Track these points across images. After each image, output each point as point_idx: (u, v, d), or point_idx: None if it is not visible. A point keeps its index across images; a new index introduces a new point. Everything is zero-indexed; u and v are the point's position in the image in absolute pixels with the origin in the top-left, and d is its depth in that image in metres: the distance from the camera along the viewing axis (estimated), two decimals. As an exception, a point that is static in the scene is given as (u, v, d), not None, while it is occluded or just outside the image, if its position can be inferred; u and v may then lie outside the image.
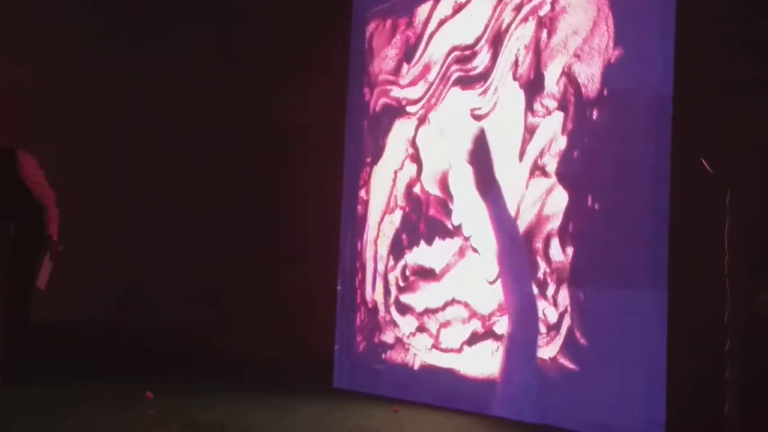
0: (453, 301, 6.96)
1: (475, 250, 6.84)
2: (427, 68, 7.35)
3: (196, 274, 9.54)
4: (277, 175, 9.50)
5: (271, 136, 9.55)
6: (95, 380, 7.51)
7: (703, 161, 5.12)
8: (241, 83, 9.59)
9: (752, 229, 5.08)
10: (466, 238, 6.92)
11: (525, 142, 6.51)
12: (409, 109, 7.49)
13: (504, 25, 6.74)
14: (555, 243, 6.26)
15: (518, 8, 6.63)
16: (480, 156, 6.86)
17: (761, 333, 4.91)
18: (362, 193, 7.85)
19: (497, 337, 6.59)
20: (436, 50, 7.30)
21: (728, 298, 5.02)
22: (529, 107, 6.50)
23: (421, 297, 7.23)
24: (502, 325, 6.57)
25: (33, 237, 7.24)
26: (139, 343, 8.98)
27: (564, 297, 6.18)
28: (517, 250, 6.48)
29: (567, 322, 6.15)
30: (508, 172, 6.61)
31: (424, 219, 7.29)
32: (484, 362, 6.66)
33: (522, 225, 6.48)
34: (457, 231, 6.99)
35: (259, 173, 9.60)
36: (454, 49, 7.13)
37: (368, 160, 7.82)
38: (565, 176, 6.24)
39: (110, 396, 6.60)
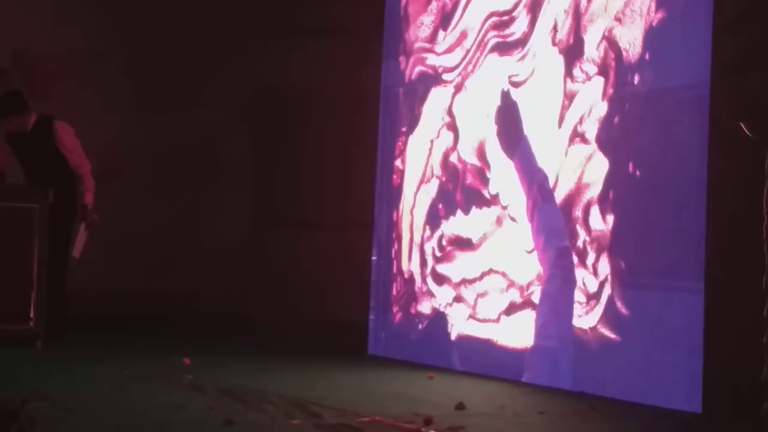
0: (490, 271, 6.87)
1: (513, 219, 6.74)
2: (463, 35, 7.24)
3: (231, 240, 9.55)
4: (314, 140, 9.44)
5: (308, 101, 9.50)
6: (132, 347, 7.56)
7: (742, 125, 5.02)
8: (275, 47, 9.55)
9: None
10: (504, 207, 6.81)
11: (564, 109, 6.40)
12: (445, 76, 7.38)
13: (543, -10, 6.62)
14: (595, 211, 6.15)
15: (557, -28, 6.51)
16: (508, 118, 6.76)
17: None
18: (398, 162, 7.76)
19: (536, 307, 6.50)
20: (473, 16, 7.18)
21: (766, 263, 4.95)
22: (569, 73, 6.38)
23: (458, 267, 7.14)
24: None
25: (69, 205, 7.34)
26: (175, 310, 9.01)
27: (604, 266, 6.07)
28: (549, 202, 6.39)
29: (607, 291, 6.05)
30: (547, 140, 6.50)
31: (460, 188, 7.19)
32: (522, 332, 6.56)
33: (561, 193, 6.37)
34: (494, 200, 6.89)
35: (293, 140, 9.57)
36: (491, 14, 7.01)
37: (404, 129, 7.72)
38: (605, 143, 6.13)
39: (148, 362, 6.64)
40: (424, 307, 7.39)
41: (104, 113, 9.13)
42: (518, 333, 6.59)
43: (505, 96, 6.80)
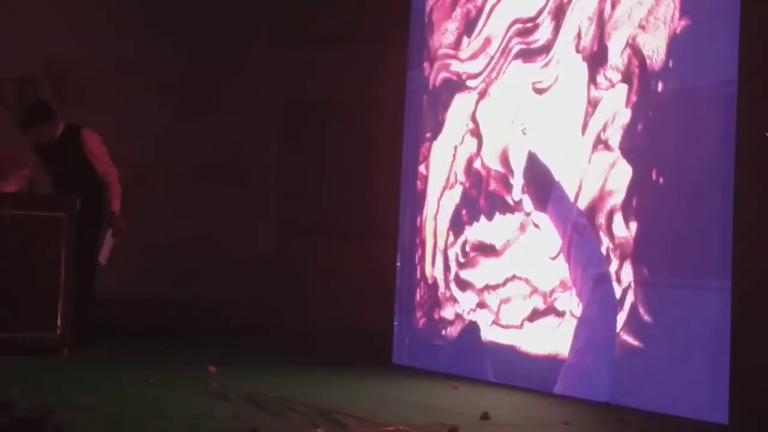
0: (514, 277, 6.88)
1: (536, 226, 6.75)
2: (487, 41, 7.25)
3: (256, 247, 9.59)
4: (338, 149, 9.47)
5: (331, 111, 9.54)
6: (158, 354, 7.60)
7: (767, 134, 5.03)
8: (300, 57, 9.59)
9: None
10: (527, 214, 6.83)
11: (587, 116, 6.40)
12: (469, 83, 7.39)
13: (566, -3, 6.63)
14: (618, 218, 6.16)
15: (581, -21, 6.51)
16: (537, 175, 6.74)
17: None
18: (422, 168, 7.78)
19: (559, 314, 6.50)
20: (497, 23, 7.19)
21: None
22: (592, 80, 6.39)
23: (482, 273, 7.15)
24: (563, 302, 6.48)
25: (96, 213, 7.38)
26: (200, 317, 9.05)
27: (627, 273, 6.08)
28: (584, 235, 6.34)
29: (630, 298, 6.05)
30: (570, 147, 6.50)
31: (484, 194, 7.20)
32: (545, 339, 6.57)
33: (584, 200, 6.38)
34: (518, 206, 6.91)
35: (318, 148, 9.61)
36: (515, 21, 7.02)
37: (428, 135, 7.74)
38: (628, 150, 6.13)
39: (173, 369, 6.67)
40: (448, 312, 7.41)
41: (133, 123, 9.16)
42: (541, 339, 6.60)
43: (531, 158, 6.75)
